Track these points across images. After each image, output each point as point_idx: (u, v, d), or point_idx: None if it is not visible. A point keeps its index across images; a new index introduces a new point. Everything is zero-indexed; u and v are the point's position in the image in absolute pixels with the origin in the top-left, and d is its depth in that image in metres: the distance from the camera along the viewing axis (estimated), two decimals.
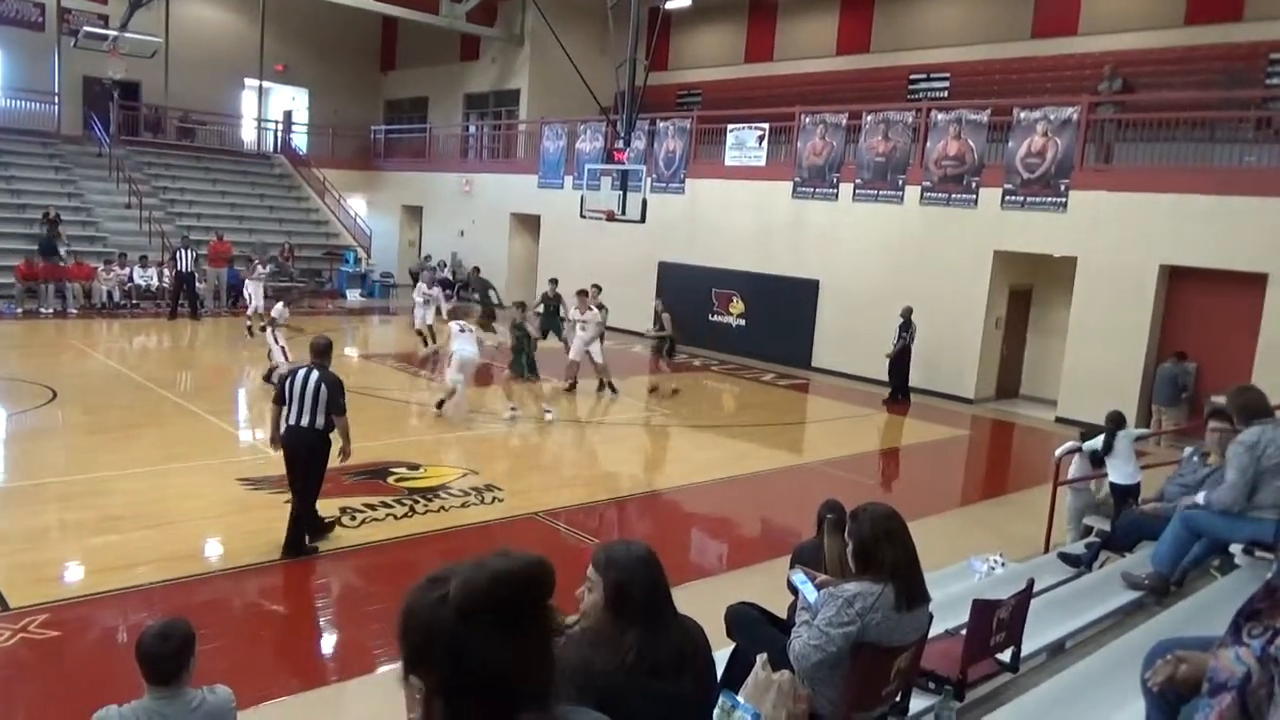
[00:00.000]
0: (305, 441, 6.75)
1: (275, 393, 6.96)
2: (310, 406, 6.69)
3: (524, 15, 24.84)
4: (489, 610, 1.26)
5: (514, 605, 1.27)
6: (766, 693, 3.32)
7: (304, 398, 6.68)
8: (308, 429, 6.71)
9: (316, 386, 6.69)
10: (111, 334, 17.23)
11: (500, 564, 1.29)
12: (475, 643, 1.25)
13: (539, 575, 1.31)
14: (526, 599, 1.29)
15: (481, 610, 1.25)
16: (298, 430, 6.74)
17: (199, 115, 26.77)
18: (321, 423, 6.73)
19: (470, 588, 1.27)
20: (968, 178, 15.10)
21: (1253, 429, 4.89)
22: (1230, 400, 5.13)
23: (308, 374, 6.76)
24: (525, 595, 1.29)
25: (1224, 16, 15.98)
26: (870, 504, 3.41)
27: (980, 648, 3.82)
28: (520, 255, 24.24)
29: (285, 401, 6.77)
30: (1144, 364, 13.35)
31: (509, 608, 1.27)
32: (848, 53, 21.67)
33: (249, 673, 5.04)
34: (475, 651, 1.25)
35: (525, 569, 1.30)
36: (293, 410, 6.73)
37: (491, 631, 1.25)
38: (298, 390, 6.71)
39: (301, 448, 6.78)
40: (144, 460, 9.02)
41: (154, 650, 3.03)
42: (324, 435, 6.79)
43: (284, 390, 6.79)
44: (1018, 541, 7.80)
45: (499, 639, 1.25)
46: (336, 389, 6.75)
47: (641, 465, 10.67)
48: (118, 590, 6.09)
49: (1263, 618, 1.60)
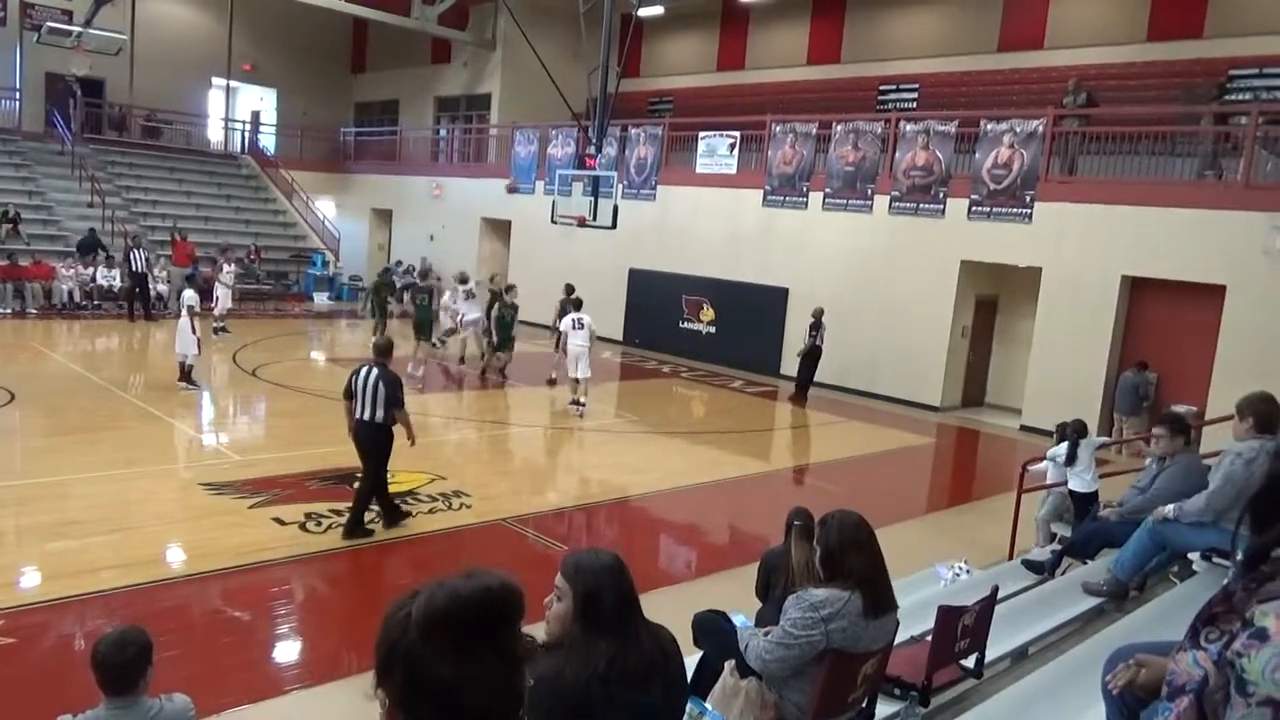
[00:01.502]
0: (367, 434, 7.34)
1: (345, 388, 7.45)
2: (370, 401, 7.25)
3: (496, 19, 24.78)
4: (447, 632, 1.26)
5: (472, 628, 1.27)
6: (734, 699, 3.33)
7: (365, 394, 7.26)
8: (369, 423, 7.29)
9: (375, 383, 7.24)
10: (72, 335, 16.92)
11: (461, 585, 1.29)
12: (432, 663, 1.25)
13: (502, 598, 1.30)
14: (486, 623, 1.28)
15: (439, 632, 1.25)
16: (361, 424, 7.33)
17: (164, 114, 26.41)
18: (381, 416, 7.28)
19: (428, 609, 1.27)
20: (935, 188, 15.28)
21: (1252, 443, 4.82)
22: (1251, 404, 4.93)
23: (369, 372, 7.31)
24: (485, 619, 1.28)
25: (1185, 33, 16.31)
26: (839, 511, 3.42)
27: (945, 654, 3.85)
28: (491, 260, 24.14)
29: (352, 396, 7.33)
30: (1106, 373, 13.57)
31: (467, 631, 1.26)
32: (818, 62, 21.85)
33: (209, 680, 4.96)
34: (432, 672, 1.25)
35: (485, 592, 1.29)
36: (358, 405, 7.30)
37: (449, 653, 1.25)
38: (360, 387, 7.28)
39: (365, 440, 7.38)
40: (104, 464, 8.85)
41: (111, 659, 2.98)
42: (384, 428, 7.36)
43: (351, 385, 7.34)
44: (983, 548, 7.89)
45: (455, 661, 1.25)
46: (395, 385, 7.33)
47: (610, 471, 10.65)
48: (76, 596, 5.97)
49: (1219, 622, 1.62)
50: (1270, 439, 4.83)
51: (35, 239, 19.78)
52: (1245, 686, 1.44)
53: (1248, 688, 1.44)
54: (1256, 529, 1.61)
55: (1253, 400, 4.93)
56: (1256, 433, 4.84)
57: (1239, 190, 12.36)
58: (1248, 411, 4.88)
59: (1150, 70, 16.39)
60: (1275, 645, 1.42)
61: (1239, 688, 1.46)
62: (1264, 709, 1.41)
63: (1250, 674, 1.43)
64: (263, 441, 10.85)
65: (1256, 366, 11.32)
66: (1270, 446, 4.76)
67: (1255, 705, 1.42)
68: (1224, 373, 11.97)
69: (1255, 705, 1.42)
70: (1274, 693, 1.40)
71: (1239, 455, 4.85)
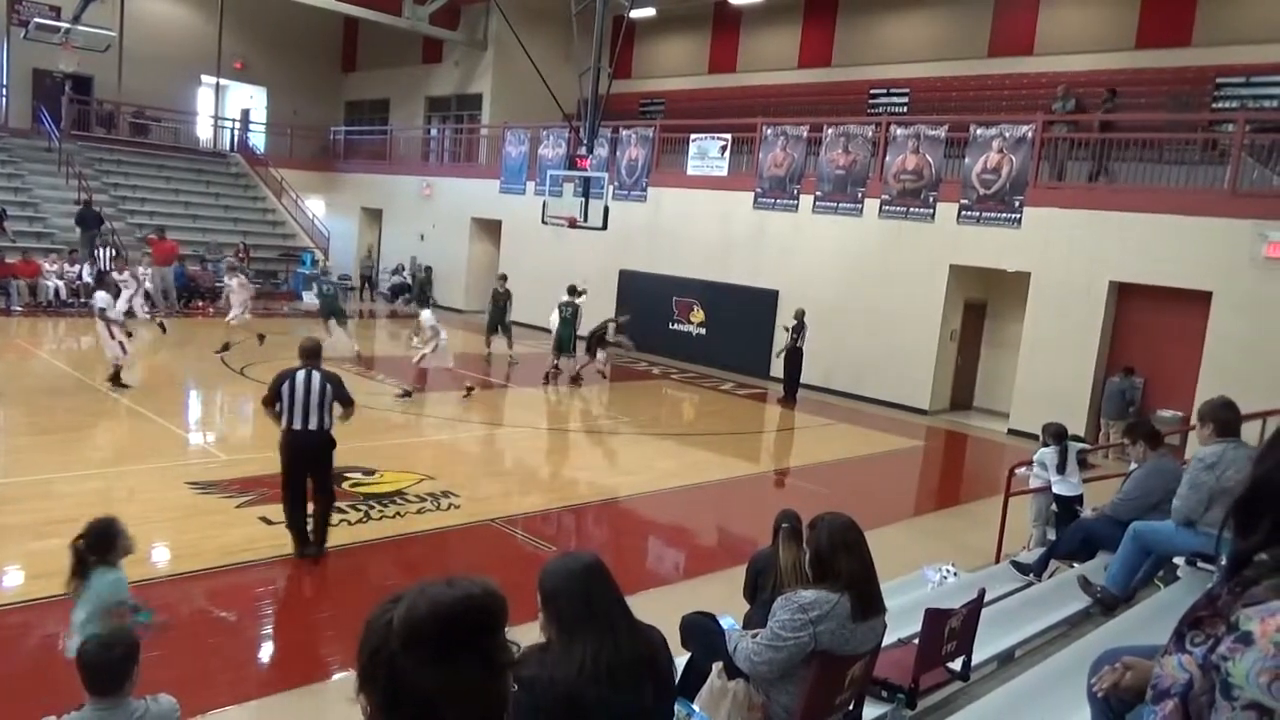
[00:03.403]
0: (313, 444, 6.64)
1: (266, 395, 6.71)
2: (317, 407, 6.57)
3: (488, 19, 24.76)
4: (428, 640, 1.25)
5: (453, 636, 1.27)
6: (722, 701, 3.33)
7: (308, 400, 6.54)
8: (316, 432, 6.61)
9: (321, 386, 6.61)
10: (57, 333, 16.81)
11: (441, 593, 1.29)
12: (413, 671, 1.25)
13: (481, 606, 1.30)
14: (467, 631, 1.28)
15: (420, 640, 1.25)
16: (304, 434, 6.58)
17: (153, 111, 26.27)
18: (328, 423, 6.67)
19: (409, 616, 1.27)
20: (925, 192, 15.33)
21: (1214, 448, 4.92)
22: (1211, 410, 5.05)
23: (308, 375, 6.61)
24: (466, 627, 1.28)
25: (1173, 41, 16.43)
26: (829, 514, 3.42)
27: (932, 657, 3.86)
28: (481, 260, 24.12)
29: (278, 403, 6.58)
30: (1094, 378, 13.65)
31: (448, 639, 1.26)
32: (809, 66, 21.91)
33: (195, 681, 4.93)
34: (412, 679, 1.25)
35: (466, 600, 1.29)
36: (295, 415, 6.54)
37: (429, 661, 1.25)
38: (300, 393, 6.54)
39: (309, 451, 6.66)
40: (90, 463, 8.81)
41: (97, 659, 2.96)
42: (329, 436, 6.73)
43: (278, 392, 6.58)
44: (970, 551, 7.92)
45: (436, 669, 1.25)
46: (340, 383, 6.76)
47: (599, 472, 10.65)
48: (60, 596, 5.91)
49: (1204, 626, 1.64)
50: (1232, 444, 4.92)
51: (21, 236, 19.64)
52: (1230, 690, 1.45)
53: (1233, 691, 1.45)
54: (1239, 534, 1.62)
55: (1214, 407, 5.05)
56: (1217, 437, 4.96)
57: (1226, 197, 12.45)
58: (1209, 418, 5.01)
59: (1139, 78, 16.50)
60: (1259, 649, 1.42)
61: (1224, 691, 1.47)
62: (1249, 712, 1.42)
63: (1235, 678, 1.44)
64: (250, 440, 10.79)
65: (1242, 372, 11.42)
66: (1243, 452, 4.84)
67: (1240, 709, 1.43)
68: (1210, 378, 12.05)
69: (1240, 709, 1.43)
70: (1259, 696, 1.41)
71: (1202, 460, 4.97)
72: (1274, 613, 1.46)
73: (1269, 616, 1.46)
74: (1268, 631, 1.44)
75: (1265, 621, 1.45)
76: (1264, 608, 1.47)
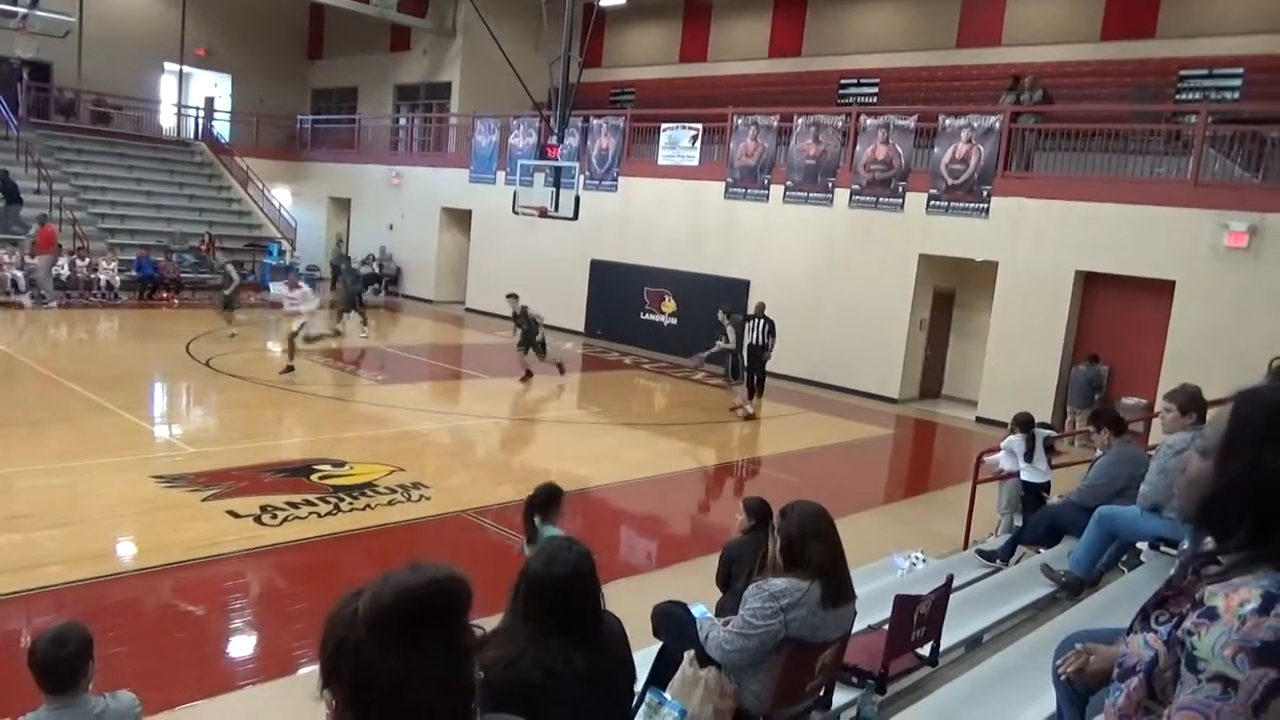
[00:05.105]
0: None
1: None
2: None
3: (456, 7, 24.53)
4: (394, 625, 1.24)
5: (420, 620, 1.26)
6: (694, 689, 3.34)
7: None
8: None
9: None
10: (15, 324, 16.47)
11: (407, 579, 1.28)
12: (380, 658, 1.24)
13: (447, 590, 1.29)
14: (434, 614, 1.27)
15: (387, 625, 1.24)
16: None
17: (115, 99, 25.74)
18: None
19: (375, 603, 1.25)
20: (895, 182, 15.43)
21: (1182, 435, 4.98)
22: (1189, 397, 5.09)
23: None
24: (432, 610, 1.27)
25: (1137, 33, 16.64)
26: (799, 502, 3.44)
27: (901, 642, 3.90)
28: (451, 250, 23.96)
29: None
30: (1060, 366, 13.83)
31: (415, 623, 1.25)
32: (780, 55, 21.94)
33: (159, 676, 4.87)
34: (380, 666, 1.24)
35: (431, 584, 1.28)
36: None
37: (396, 646, 1.24)
38: None
39: None
40: (51, 456, 8.63)
41: (49, 657, 2.88)
42: None
43: None
44: (938, 538, 8.00)
45: (403, 654, 1.24)
46: None
47: (571, 463, 10.62)
48: (20, 592, 5.82)
49: (1169, 605, 1.69)
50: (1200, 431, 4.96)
51: None
52: (1195, 664, 1.50)
53: (1198, 664, 1.49)
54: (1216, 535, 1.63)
55: (1176, 393, 5.14)
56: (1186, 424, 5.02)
57: (1189, 188, 12.64)
58: (1190, 406, 5.06)
59: (1104, 69, 16.69)
60: (1224, 623, 1.47)
61: (1189, 664, 1.51)
62: (1214, 684, 1.47)
63: (1200, 651, 1.49)
64: (218, 433, 10.65)
65: (1203, 360, 11.60)
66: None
67: (1205, 681, 1.48)
68: (1173, 366, 12.24)
69: (1205, 681, 1.48)
70: (1223, 669, 1.45)
71: (1170, 446, 5.05)
72: (1237, 588, 1.49)
73: (1232, 592, 1.49)
74: (1232, 606, 1.48)
75: (1229, 597, 1.49)
76: (1228, 584, 1.52)
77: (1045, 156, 14.58)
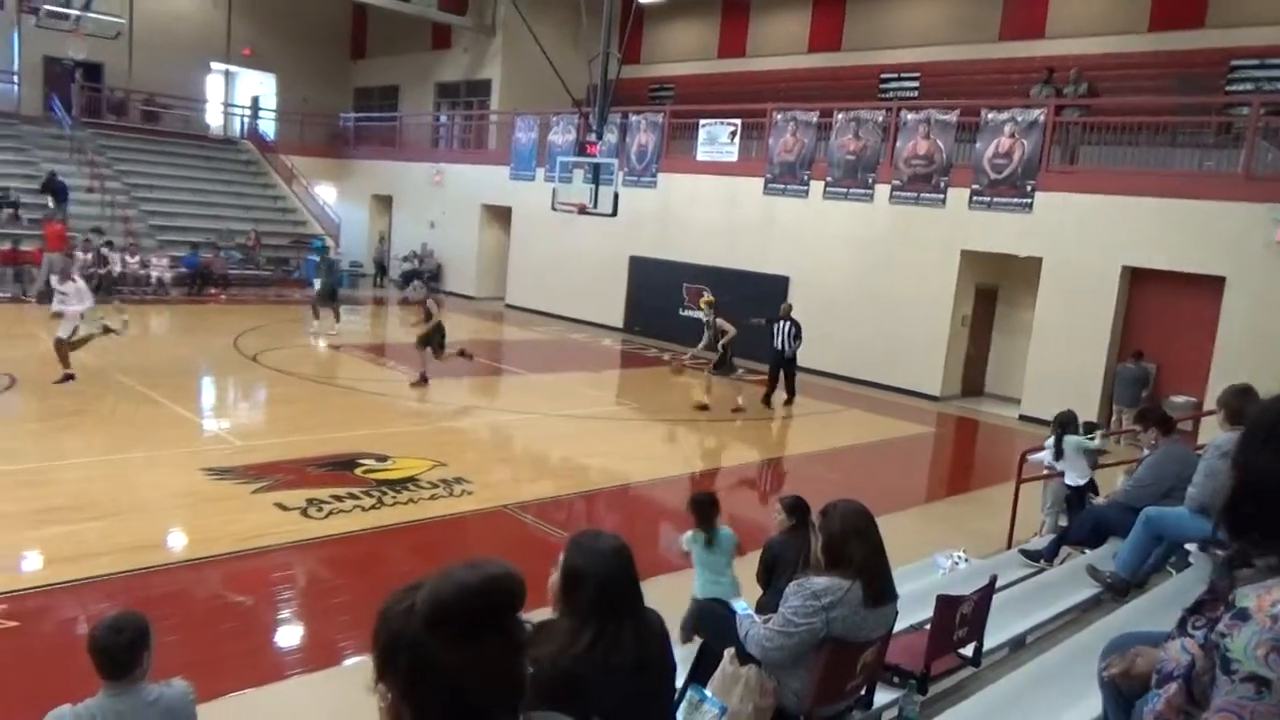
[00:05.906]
0: None
1: None
2: None
3: (496, 5, 24.69)
4: (454, 621, 1.27)
5: (478, 616, 1.28)
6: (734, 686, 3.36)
7: None
8: None
9: None
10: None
11: (467, 575, 1.30)
12: (439, 653, 1.26)
13: (506, 587, 1.31)
14: (492, 610, 1.30)
15: (446, 621, 1.27)
16: None
17: (163, 99, 26.31)
18: None
19: (436, 598, 1.28)
20: (936, 177, 15.26)
21: (1228, 436, 4.86)
22: (1224, 397, 4.99)
23: None
24: (491, 606, 1.30)
25: (1186, 23, 16.25)
26: (841, 500, 3.43)
27: (944, 642, 3.88)
28: (491, 247, 24.14)
29: None
30: (1106, 364, 13.59)
31: (473, 619, 1.28)
32: (819, 50, 21.78)
33: (211, 665, 4.99)
34: (439, 661, 1.26)
35: (491, 580, 1.31)
36: None
37: (455, 642, 1.26)
38: None
39: None
40: (106, 449, 8.88)
41: (107, 643, 2.97)
42: None
43: None
44: (981, 538, 7.92)
45: (462, 649, 1.27)
46: None
47: (610, 458, 10.68)
48: (76, 581, 6.00)
49: (1205, 610, 1.71)
50: None
51: (36, 224, 19.71)
52: (1229, 665, 1.52)
53: (1231, 665, 1.51)
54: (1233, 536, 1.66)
55: (1226, 394, 5.01)
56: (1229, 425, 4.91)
57: (1240, 181, 12.35)
58: (1221, 405, 4.98)
59: (1151, 60, 16.34)
60: (1256, 623, 1.49)
61: (1224, 667, 1.53)
62: (1247, 685, 1.49)
63: (1234, 652, 1.51)
64: (265, 427, 10.87)
65: (1254, 358, 11.35)
66: None
67: (1239, 682, 1.50)
68: (1222, 364, 11.98)
69: (1239, 682, 1.50)
70: (1256, 669, 1.47)
71: (1218, 448, 4.95)
72: (1270, 589, 1.51)
73: (1265, 593, 1.51)
74: (1264, 606, 1.49)
75: (1261, 597, 1.51)
76: (1260, 585, 1.54)
77: (1090, 150, 14.33)
